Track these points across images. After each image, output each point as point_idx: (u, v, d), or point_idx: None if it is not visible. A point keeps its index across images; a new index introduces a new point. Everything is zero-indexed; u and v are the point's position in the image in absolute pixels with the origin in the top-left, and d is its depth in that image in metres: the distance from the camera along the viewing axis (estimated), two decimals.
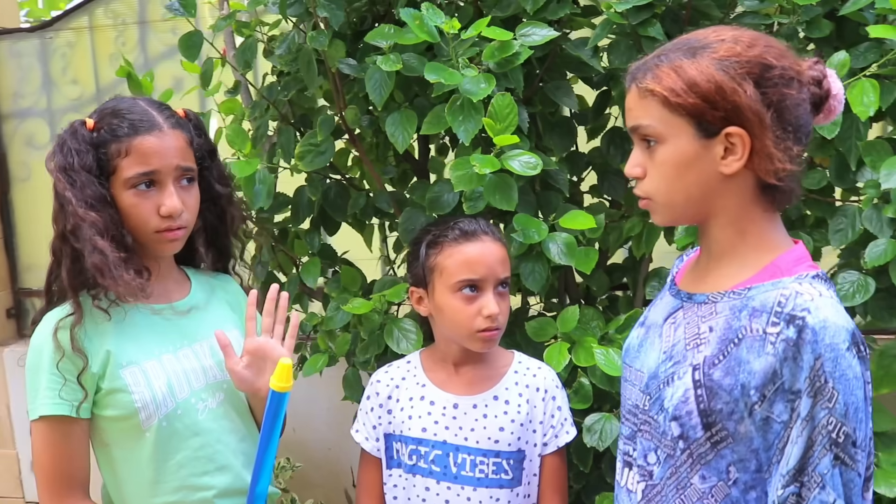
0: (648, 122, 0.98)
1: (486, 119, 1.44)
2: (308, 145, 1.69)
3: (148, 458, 1.21)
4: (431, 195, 1.61)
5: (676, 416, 0.98)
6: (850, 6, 1.51)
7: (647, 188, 1.01)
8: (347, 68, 1.61)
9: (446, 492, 1.34)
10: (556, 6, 1.61)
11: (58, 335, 1.17)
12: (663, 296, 1.13)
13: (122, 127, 1.19)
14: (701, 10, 1.66)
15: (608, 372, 1.47)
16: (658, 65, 0.98)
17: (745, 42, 0.95)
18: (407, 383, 1.41)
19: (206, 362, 1.28)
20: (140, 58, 2.69)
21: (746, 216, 0.99)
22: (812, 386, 0.89)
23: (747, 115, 0.93)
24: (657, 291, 1.70)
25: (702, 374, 0.96)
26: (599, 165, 1.87)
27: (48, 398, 1.17)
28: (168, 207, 1.20)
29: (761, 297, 0.95)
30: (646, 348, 1.08)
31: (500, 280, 1.33)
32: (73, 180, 1.16)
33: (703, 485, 0.97)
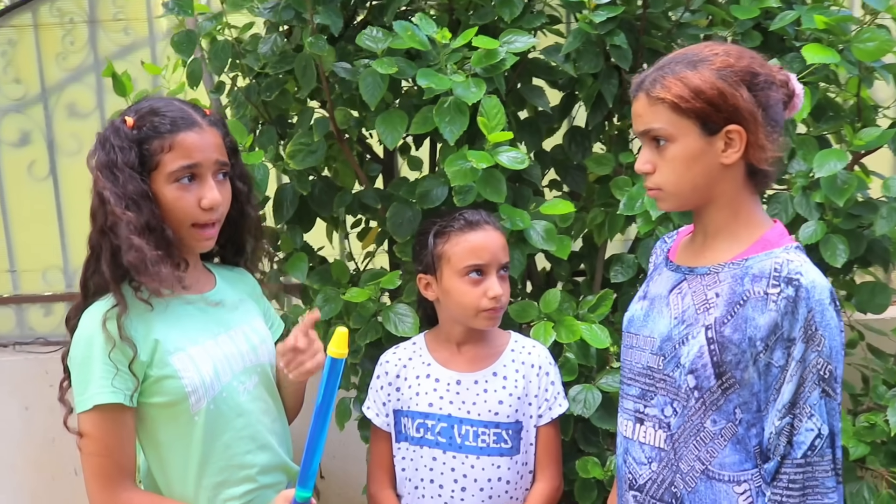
0: (660, 125, 1.15)
1: (480, 119, 1.57)
2: (299, 144, 1.77)
3: (197, 440, 1.26)
4: (422, 190, 1.73)
5: (693, 369, 1.16)
6: (777, 23, 1.74)
7: (658, 181, 1.19)
8: (343, 72, 1.70)
9: (452, 460, 1.47)
10: (530, 17, 1.76)
11: (107, 326, 1.21)
12: (660, 272, 1.31)
13: (164, 124, 1.24)
14: (652, 20, 1.86)
15: (594, 345, 1.64)
16: (664, 76, 1.15)
17: (734, 55, 1.15)
18: (413, 363, 1.53)
19: (242, 347, 1.35)
20: (90, 58, 2.65)
21: (738, 199, 1.19)
22: (805, 333, 1.09)
23: (744, 114, 1.13)
24: (620, 275, 1.90)
25: (714, 332, 1.15)
26: (560, 161, 2.05)
27: (103, 387, 1.20)
28: (210, 199, 1.26)
29: (759, 266, 1.14)
30: (653, 317, 1.25)
31: (501, 264, 1.47)
32: (114, 177, 1.21)
33: (714, 427, 1.16)
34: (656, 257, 1.38)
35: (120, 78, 1.84)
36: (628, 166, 1.91)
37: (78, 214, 2.76)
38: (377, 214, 1.94)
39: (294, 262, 1.88)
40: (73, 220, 2.75)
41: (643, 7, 1.80)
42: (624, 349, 1.32)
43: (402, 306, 1.73)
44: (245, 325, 1.38)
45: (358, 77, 1.66)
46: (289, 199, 1.90)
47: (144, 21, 2.61)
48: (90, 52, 2.65)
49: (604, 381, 1.72)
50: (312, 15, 1.66)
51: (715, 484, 1.17)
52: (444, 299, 1.49)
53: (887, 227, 1.71)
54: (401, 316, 1.70)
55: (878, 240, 1.79)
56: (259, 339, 1.39)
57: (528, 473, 1.52)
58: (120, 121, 1.25)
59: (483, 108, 1.59)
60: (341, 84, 1.80)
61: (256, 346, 1.37)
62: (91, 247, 1.26)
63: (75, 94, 2.67)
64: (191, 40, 1.79)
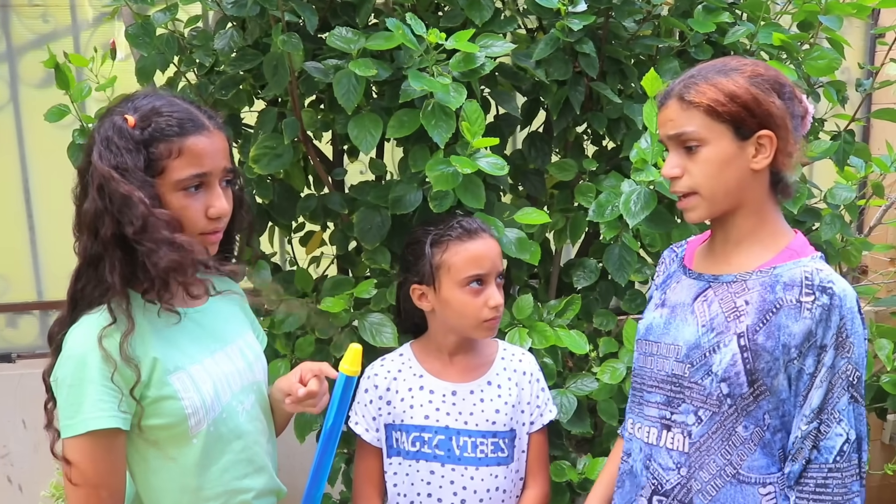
0: (693, 129, 1.17)
1: (464, 123, 1.55)
2: (264, 147, 1.69)
3: (193, 464, 1.17)
4: (395, 195, 1.68)
5: (725, 377, 1.18)
6: (730, 37, 1.82)
7: (689, 184, 1.20)
8: (315, 72, 1.63)
9: (451, 473, 1.44)
10: (502, 21, 1.76)
11: (104, 344, 1.10)
12: (678, 280, 1.32)
13: (172, 126, 1.14)
14: (612, 30, 1.90)
15: (575, 350, 1.65)
16: (697, 82, 1.17)
17: (762, 66, 1.19)
18: (404, 375, 1.49)
19: (239, 364, 1.27)
20: (1, 45, 2.41)
21: (764, 206, 1.22)
22: (836, 341, 1.13)
23: (777, 120, 1.16)
24: (583, 279, 1.93)
25: (747, 339, 1.17)
26: (519, 166, 2.05)
27: (101, 411, 1.10)
28: (217, 209, 1.17)
29: (788, 274, 1.17)
30: (676, 325, 1.27)
31: (499, 273, 1.46)
32: (130, 178, 1.10)
33: (745, 433, 1.19)
34: (667, 266, 1.39)
35: (63, 70, 1.67)
36: (589, 173, 1.95)
37: None
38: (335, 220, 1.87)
39: (257, 269, 1.79)
40: None
41: (606, 17, 1.84)
42: (641, 357, 1.33)
43: (375, 315, 1.69)
44: (239, 339, 1.30)
45: (331, 78, 1.59)
46: None
47: (66, 7, 2.41)
48: (2, 39, 2.42)
49: (575, 386, 1.75)
50: (283, 12, 1.58)
51: (744, 487, 1.20)
52: (441, 310, 1.45)
53: (831, 232, 1.83)
54: (377, 326, 1.65)
55: (819, 244, 1.91)
56: (254, 356, 1.32)
57: (520, 480, 1.51)
58: (121, 119, 1.13)
59: (465, 114, 1.57)
60: (305, 84, 1.73)
61: (252, 363, 1.30)
62: (86, 255, 1.13)
63: None
64: (147, 32, 1.66)
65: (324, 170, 1.95)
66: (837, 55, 1.72)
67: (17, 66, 2.45)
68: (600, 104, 1.92)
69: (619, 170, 1.91)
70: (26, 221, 2.52)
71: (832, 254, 1.94)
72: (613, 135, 1.94)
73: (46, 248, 2.54)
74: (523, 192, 2.07)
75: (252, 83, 1.84)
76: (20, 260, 2.54)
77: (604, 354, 1.83)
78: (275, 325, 1.76)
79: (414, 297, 1.48)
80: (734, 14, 1.87)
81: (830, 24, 1.65)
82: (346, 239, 1.93)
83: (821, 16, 1.67)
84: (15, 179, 2.50)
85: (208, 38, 1.80)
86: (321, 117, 1.82)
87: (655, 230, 1.74)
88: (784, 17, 1.91)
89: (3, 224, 2.52)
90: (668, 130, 1.21)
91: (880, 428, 2.90)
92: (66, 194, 1.20)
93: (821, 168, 2.01)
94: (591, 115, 1.91)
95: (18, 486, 2.49)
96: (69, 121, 1.77)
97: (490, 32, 1.69)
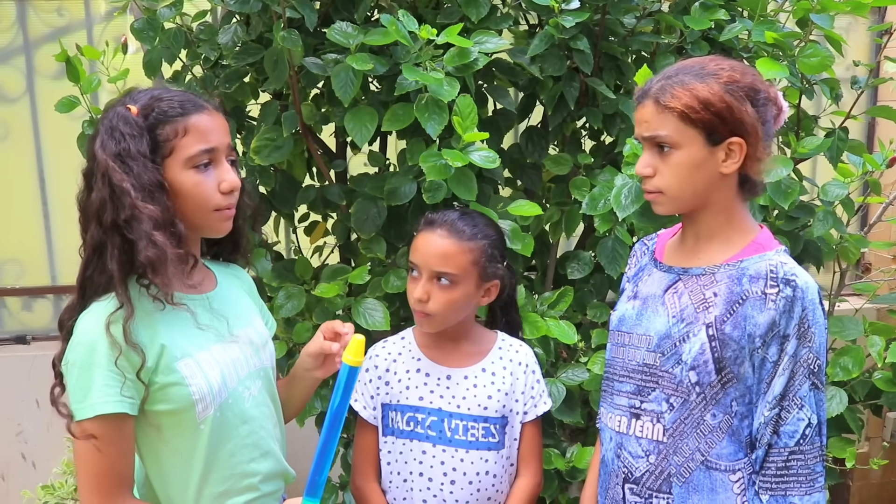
0: (666, 133, 1.20)
1: (455, 118, 1.59)
2: (265, 139, 1.74)
3: (201, 449, 1.20)
4: (390, 187, 1.73)
5: (694, 365, 1.22)
6: (726, 34, 1.84)
7: (659, 184, 1.24)
8: (314, 67, 1.67)
9: (441, 454, 1.49)
10: (498, 18, 1.79)
11: (111, 330, 1.13)
12: (649, 273, 1.36)
13: (174, 108, 1.17)
14: (609, 27, 1.92)
15: (564, 340, 1.69)
16: (673, 86, 1.20)
17: (739, 71, 1.21)
18: (403, 357, 1.54)
19: (246, 351, 1.30)
20: (18, 38, 2.49)
21: (732, 205, 1.26)
22: (798, 330, 1.18)
23: (748, 128, 1.19)
24: (577, 271, 1.97)
25: (715, 329, 1.21)
26: (516, 160, 2.09)
27: (107, 396, 1.13)
28: (229, 182, 1.20)
29: (754, 267, 1.21)
30: (647, 316, 1.31)
31: (434, 272, 1.45)
32: (128, 168, 1.13)
33: (713, 421, 1.23)
34: (638, 258, 1.43)
35: (74, 63, 1.74)
36: (585, 167, 1.98)
37: (3, 206, 2.60)
38: (335, 210, 1.92)
39: (255, 257, 1.84)
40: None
41: (602, 13, 1.86)
42: (614, 347, 1.37)
43: (370, 301, 1.74)
44: (248, 326, 1.33)
45: (329, 72, 1.64)
46: None
47: (80, 1, 2.48)
48: (19, 32, 2.49)
49: (565, 376, 1.79)
50: (284, 8, 1.62)
51: (713, 473, 1.24)
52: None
53: (823, 228, 1.85)
54: (370, 310, 1.71)
55: (813, 240, 1.93)
56: (261, 342, 1.35)
57: (511, 467, 1.55)
58: (124, 108, 1.17)
59: (457, 107, 1.61)
60: (306, 78, 1.78)
61: (259, 349, 1.33)
62: (92, 243, 1.16)
63: (2, 76, 2.52)
64: (153, 27, 1.72)
65: (326, 161, 2.01)
66: (829, 53, 1.73)
67: (34, 59, 2.52)
68: (596, 100, 1.95)
69: (615, 164, 1.94)
70: (41, 209, 2.60)
71: (826, 250, 1.96)
72: (609, 130, 1.97)
73: (60, 234, 2.62)
74: (521, 185, 2.11)
75: (255, 77, 1.90)
76: (35, 245, 2.62)
77: (596, 345, 1.87)
78: (274, 311, 1.82)
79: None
80: (731, 11, 1.89)
81: (822, 22, 1.67)
82: (347, 229, 1.98)
83: (812, 14, 1.68)
84: (30, 168, 2.58)
85: (214, 33, 1.85)
86: (324, 110, 1.86)
87: (648, 224, 1.76)
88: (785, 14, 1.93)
89: (19, 211, 2.61)
90: (642, 131, 1.24)
91: (881, 426, 2.90)
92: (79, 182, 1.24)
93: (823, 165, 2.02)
94: (586, 111, 1.94)
95: (32, 463, 2.59)
96: (82, 112, 1.83)
97: (485, 29, 1.72)
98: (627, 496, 1.32)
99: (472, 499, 1.49)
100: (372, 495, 1.54)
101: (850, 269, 2.28)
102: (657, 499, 1.28)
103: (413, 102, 1.63)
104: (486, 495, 1.51)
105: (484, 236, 1.49)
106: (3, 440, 2.56)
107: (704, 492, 1.25)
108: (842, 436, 1.97)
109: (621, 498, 1.32)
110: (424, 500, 1.50)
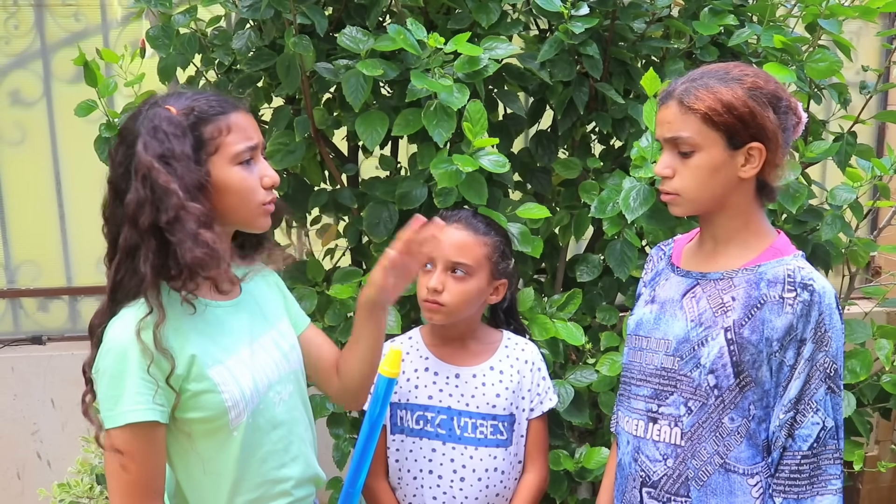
0: (689, 134, 1.21)
1: (466, 123, 1.61)
2: (278, 144, 1.77)
3: (234, 456, 1.19)
4: (401, 191, 1.75)
5: (713, 369, 1.23)
6: (735, 39, 1.86)
7: (677, 186, 1.25)
8: (325, 72, 1.70)
9: (451, 451, 1.52)
10: (508, 24, 1.81)
11: (142, 336, 1.12)
12: (666, 277, 1.37)
13: (214, 107, 1.18)
14: (618, 32, 1.94)
15: (572, 342, 1.71)
16: (697, 88, 1.21)
17: (762, 77, 1.23)
18: (411, 356, 1.57)
19: (274, 355, 1.28)
20: (36, 43, 2.53)
21: (749, 209, 1.27)
22: (815, 334, 1.19)
23: (769, 134, 1.20)
24: (586, 274, 1.98)
25: (733, 333, 1.22)
26: (526, 164, 2.11)
27: (140, 404, 1.12)
28: (271, 177, 1.22)
29: (772, 272, 1.23)
30: (665, 320, 1.32)
31: (451, 262, 1.48)
32: (172, 168, 1.13)
33: (731, 424, 1.24)
34: (654, 263, 1.44)
35: (92, 67, 1.77)
36: (594, 171, 2.00)
37: (21, 208, 2.64)
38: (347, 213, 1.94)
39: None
40: (15, 213, 2.64)
41: (611, 19, 1.88)
42: (631, 351, 1.38)
43: None
44: (273, 330, 1.32)
45: (340, 77, 1.66)
46: None
47: (97, 7, 2.52)
48: (36, 37, 2.53)
49: (574, 377, 1.80)
50: (295, 14, 1.65)
51: (731, 476, 1.25)
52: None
53: (832, 232, 1.86)
54: None
55: (821, 244, 1.94)
56: (289, 345, 1.33)
57: (518, 464, 1.58)
58: (165, 110, 1.16)
59: (468, 113, 1.63)
60: (318, 83, 1.80)
61: (287, 353, 1.32)
62: (126, 246, 1.14)
63: (20, 80, 2.56)
64: (167, 34, 1.75)
65: (338, 165, 2.03)
66: (838, 58, 1.75)
67: (51, 63, 2.56)
68: (605, 104, 1.96)
69: (624, 168, 1.95)
70: (57, 211, 2.64)
71: (834, 254, 1.97)
72: (618, 134, 1.99)
73: (76, 236, 2.65)
74: (531, 189, 2.13)
75: (268, 82, 1.92)
76: (51, 247, 2.66)
77: (605, 348, 1.88)
78: None
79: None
80: (740, 16, 1.90)
81: (830, 27, 1.68)
82: (358, 232, 2.01)
83: (821, 19, 1.69)
84: (47, 170, 2.62)
85: (228, 38, 1.88)
86: (336, 115, 1.89)
87: (657, 227, 1.78)
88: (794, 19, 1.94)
89: (35, 213, 2.64)
90: (664, 132, 1.25)
91: (890, 429, 2.90)
92: (96, 185, 1.26)
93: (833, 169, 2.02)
94: (595, 115, 1.95)
95: (47, 462, 2.62)
96: (98, 115, 1.86)
97: (495, 35, 1.74)
98: (645, 500, 1.32)
99: (480, 495, 1.51)
100: (381, 494, 1.56)
101: (859, 272, 2.28)
102: (675, 502, 1.29)
103: (424, 108, 1.65)
104: (494, 491, 1.53)
105: (497, 233, 1.55)
106: (19, 439, 2.60)
107: (723, 495, 1.25)
108: (850, 439, 1.97)
109: (639, 501, 1.33)
110: (434, 498, 1.52)
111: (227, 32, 1.93)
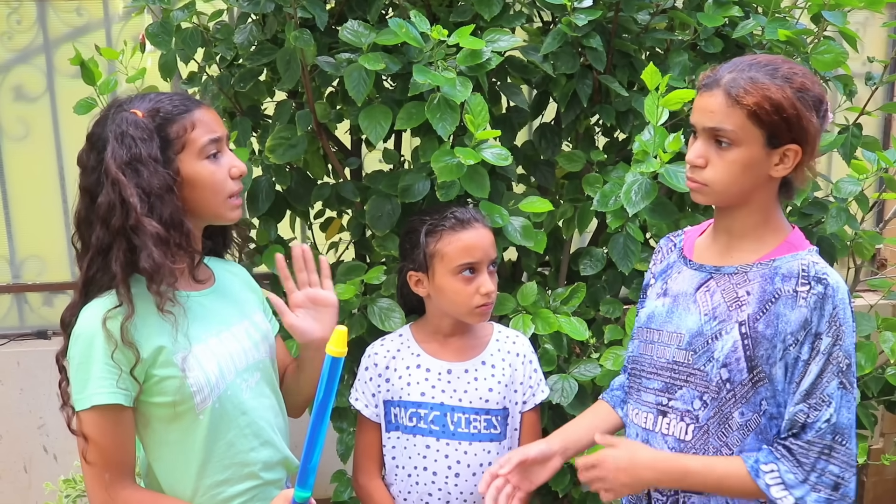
0: (731, 128, 1.19)
1: (467, 116, 1.60)
2: (280, 138, 1.76)
3: (200, 439, 1.25)
4: (404, 184, 1.75)
5: (726, 363, 1.23)
6: (739, 31, 1.84)
7: (707, 177, 1.22)
8: (326, 66, 1.69)
9: (445, 447, 1.52)
10: (510, 16, 1.80)
11: (107, 325, 1.18)
12: (679, 270, 1.35)
13: (177, 106, 1.24)
14: (622, 24, 1.93)
15: (575, 337, 1.70)
16: (745, 82, 1.18)
17: (810, 79, 1.20)
18: (402, 354, 1.57)
19: (244, 344, 1.34)
20: (38, 38, 2.53)
21: (770, 205, 1.26)
22: (830, 328, 1.18)
23: (808, 138, 1.19)
24: (589, 268, 1.98)
25: (748, 327, 1.22)
26: (530, 157, 2.10)
27: (103, 388, 1.18)
28: (239, 167, 1.28)
29: (787, 266, 1.22)
30: (679, 313, 1.31)
31: (492, 260, 1.51)
32: (138, 174, 1.18)
33: (741, 419, 1.24)
34: (664, 254, 1.42)
35: (89, 66, 1.77)
36: (598, 163, 1.99)
37: (25, 203, 2.65)
38: (350, 207, 1.94)
39: (269, 254, 1.87)
40: (20, 208, 2.64)
41: (615, 11, 1.87)
42: (642, 344, 1.37)
43: (384, 300, 1.76)
44: (246, 320, 1.37)
45: (342, 71, 1.66)
46: (264, 192, 1.89)
47: (99, 1, 2.51)
48: (39, 32, 2.53)
49: (577, 371, 1.80)
50: (295, 9, 1.64)
51: None
52: (436, 296, 1.52)
53: (836, 225, 1.85)
54: (385, 311, 1.72)
55: (826, 237, 1.93)
56: (260, 336, 1.39)
57: None
58: (131, 114, 1.21)
59: (469, 106, 1.62)
60: (320, 77, 1.80)
61: (258, 342, 1.37)
62: (98, 244, 1.21)
63: (22, 76, 2.56)
64: (167, 31, 1.74)
65: (341, 159, 2.03)
66: (844, 49, 1.73)
67: (53, 58, 2.56)
68: (609, 97, 1.95)
69: (628, 160, 1.94)
70: (61, 206, 2.64)
71: (839, 246, 1.96)
72: (622, 127, 1.98)
73: None
74: (534, 182, 2.12)
75: (271, 76, 1.92)
76: (55, 242, 2.66)
77: (609, 341, 1.88)
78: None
79: (411, 282, 1.54)
80: (745, 7, 1.89)
81: (834, 19, 1.66)
82: (361, 226, 2.00)
83: (826, 11, 1.68)
84: (51, 165, 2.62)
85: (230, 32, 1.88)
86: (339, 108, 1.88)
87: (660, 220, 1.77)
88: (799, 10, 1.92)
89: (40, 208, 2.65)
90: (705, 121, 1.21)
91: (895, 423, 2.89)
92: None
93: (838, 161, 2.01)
94: (599, 108, 1.94)
95: (54, 455, 2.64)
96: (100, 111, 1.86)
97: (498, 27, 1.74)
98: (652, 493, 1.32)
99: (475, 490, 1.51)
100: (376, 492, 1.57)
101: (864, 265, 2.27)
102: (682, 495, 1.29)
103: (427, 101, 1.65)
104: None
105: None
106: (26, 433, 2.61)
107: None
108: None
109: (646, 495, 1.33)
110: (430, 494, 1.52)
111: (229, 27, 1.92)
